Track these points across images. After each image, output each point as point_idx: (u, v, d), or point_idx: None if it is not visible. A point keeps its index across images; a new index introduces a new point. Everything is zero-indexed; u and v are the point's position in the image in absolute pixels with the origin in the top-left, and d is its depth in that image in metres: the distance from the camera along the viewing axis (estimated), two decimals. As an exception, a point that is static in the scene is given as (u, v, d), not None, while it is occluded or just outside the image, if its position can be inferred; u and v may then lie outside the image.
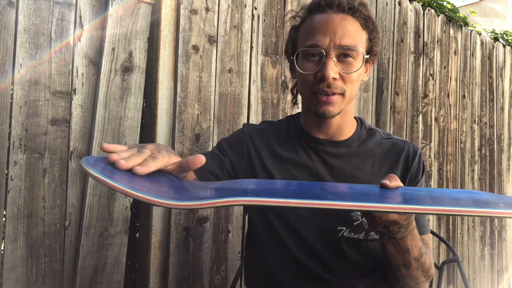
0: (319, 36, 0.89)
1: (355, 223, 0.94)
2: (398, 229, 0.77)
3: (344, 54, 0.90)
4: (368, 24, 0.94)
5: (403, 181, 0.98)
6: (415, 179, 0.99)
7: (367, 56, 0.94)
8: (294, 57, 0.94)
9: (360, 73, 0.94)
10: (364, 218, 0.94)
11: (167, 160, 0.67)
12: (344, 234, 0.95)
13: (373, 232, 0.95)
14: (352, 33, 0.90)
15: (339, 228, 0.94)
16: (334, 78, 0.89)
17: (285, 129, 1.06)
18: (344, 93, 0.91)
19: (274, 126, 1.08)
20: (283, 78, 1.65)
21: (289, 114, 1.07)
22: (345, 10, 0.91)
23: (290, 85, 1.63)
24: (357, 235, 0.95)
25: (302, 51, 0.92)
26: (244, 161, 1.02)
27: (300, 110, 1.08)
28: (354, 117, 1.05)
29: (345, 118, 0.98)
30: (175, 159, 0.70)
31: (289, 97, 1.63)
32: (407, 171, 0.99)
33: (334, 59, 0.89)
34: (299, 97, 1.06)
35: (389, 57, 2.13)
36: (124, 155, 0.65)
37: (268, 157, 1.01)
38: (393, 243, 0.82)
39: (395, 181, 0.70)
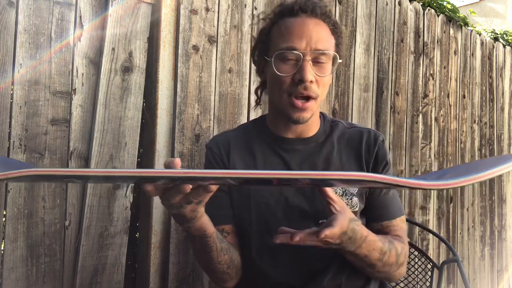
0: (296, 40, 0.93)
1: None
2: (346, 245, 0.85)
3: (319, 59, 0.93)
4: (336, 30, 0.99)
5: (367, 167, 1.02)
6: (381, 163, 1.03)
7: (340, 61, 0.98)
8: (272, 59, 0.96)
9: (330, 77, 0.98)
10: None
11: None
12: None
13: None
14: (325, 37, 0.95)
15: (320, 221, 0.97)
16: (311, 81, 0.92)
17: (253, 134, 1.08)
18: (317, 97, 0.95)
19: (239, 133, 1.09)
20: (283, 78, 1.65)
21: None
22: (318, 15, 0.95)
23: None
24: None
25: (278, 54, 0.95)
26: None
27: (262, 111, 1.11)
28: None
29: (313, 117, 1.01)
30: None
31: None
32: (370, 157, 1.03)
33: (310, 62, 0.92)
34: (263, 98, 1.10)
35: (389, 57, 2.13)
36: None
37: (241, 168, 1.04)
38: (350, 254, 0.89)
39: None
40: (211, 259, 0.91)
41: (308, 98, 0.94)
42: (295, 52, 0.92)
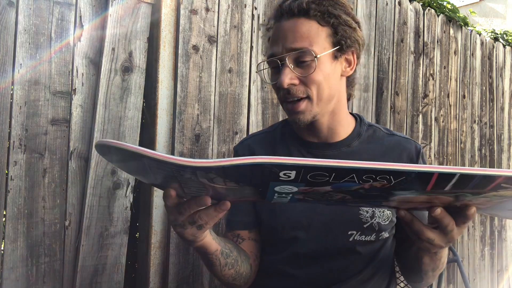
0: (273, 46, 0.91)
1: (365, 225, 0.93)
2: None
3: (299, 58, 0.88)
4: (328, 18, 0.89)
5: None
6: None
7: (318, 56, 0.88)
8: (263, 69, 0.98)
9: (326, 73, 0.89)
10: (373, 220, 0.93)
11: None
12: (356, 238, 0.94)
13: (383, 232, 0.95)
14: (304, 34, 0.88)
15: (349, 232, 0.93)
16: (293, 84, 0.88)
17: (281, 137, 1.04)
18: (310, 96, 0.89)
19: (267, 136, 1.06)
20: (283, 78, 1.65)
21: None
22: (296, 14, 0.89)
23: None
24: (368, 237, 0.94)
25: (264, 63, 0.96)
26: None
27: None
28: (353, 114, 1.03)
29: (335, 118, 0.96)
30: None
31: None
32: None
33: (291, 65, 0.88)
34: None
35: (389, 57, 2.13)
36: None
37: None
38: (431, 255, 0.83)
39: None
40: (215, 272, 0.90)
41: (298, 100, 0.90)
42: (273, 59, 0.91)
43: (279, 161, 0.52)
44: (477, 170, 0.54)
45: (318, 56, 0.88)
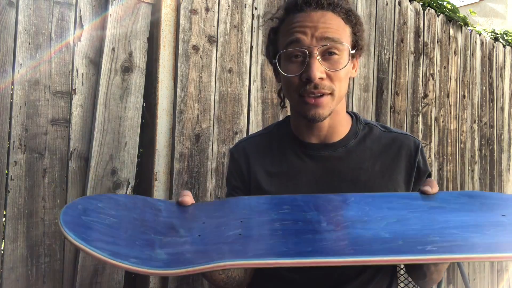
0: (300, 35, 0.85)
1: None
2: None
3: (329, 52, 0.86)
4: (350, 18, 0.90)
5: (408, 178, 0.96)
6: (424, 174, 0.97)
7: (353, 51, 0.90)
8: (277, 60, 0.90)
9: (348, 70, 0.89)
10: None
11: None
12: None
13: None
14: (335, 27, 0.86)
15: None
16: (321, 78, 0.84)
17: (276, 138, 1.02)
18: (333, 93, 0.87)
19: (262, 138, 1.04)
20: (283, 78, 1.65)
21: (289, 114, 1.06)
22: (325, 7, 0.87)
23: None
24: None
25: (283, 53, 0.88)
26: (248, 186, 1.00)
27: (288, 113, 1.05)
28: (348, 113, 1.01)
29: (336, 117, 0.94)
30: None
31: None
32: (411, 168, 0.96)
33: (319, 57, 0.84)
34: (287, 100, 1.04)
35: (389, 57, 2.13)
36: None
37: (263, 178, 0.97)
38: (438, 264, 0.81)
39: (435, 188, 0.67)
40: (204, 277, 0.90)
41: (321, 95, 0.86)
42: (300, 48, 0.85)
43: (243, 263, 0.56)
44: (444, 258, 0.54)
45: (351, 51, 0.88)
